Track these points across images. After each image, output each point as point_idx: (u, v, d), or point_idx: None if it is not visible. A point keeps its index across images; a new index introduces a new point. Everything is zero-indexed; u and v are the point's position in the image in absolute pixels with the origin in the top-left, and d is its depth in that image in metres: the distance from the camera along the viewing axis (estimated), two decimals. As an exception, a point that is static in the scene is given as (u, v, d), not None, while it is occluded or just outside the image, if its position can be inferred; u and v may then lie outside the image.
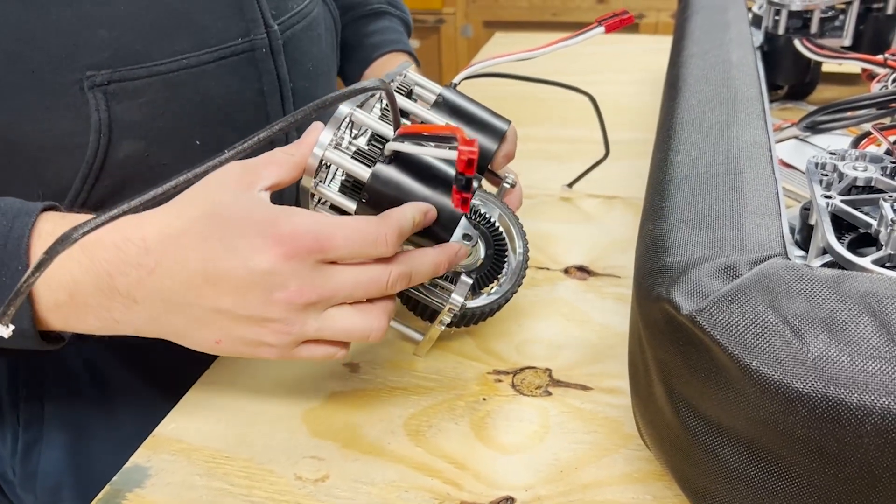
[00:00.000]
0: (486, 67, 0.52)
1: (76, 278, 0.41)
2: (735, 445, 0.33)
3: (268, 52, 0.60)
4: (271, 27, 0.60)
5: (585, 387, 0.51)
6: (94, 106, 0.52)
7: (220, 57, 0.57)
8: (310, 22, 0.67)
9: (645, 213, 0.44)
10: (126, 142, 0.54)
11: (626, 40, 1.24)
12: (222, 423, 0.50)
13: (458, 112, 0.52)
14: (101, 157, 0.53)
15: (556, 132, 0.91)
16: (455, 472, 0.45)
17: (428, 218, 0.44)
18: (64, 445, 0.62)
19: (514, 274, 0.54)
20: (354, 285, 0.42)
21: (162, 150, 0.56)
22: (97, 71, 0.51)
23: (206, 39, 0.56)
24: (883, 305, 0.30)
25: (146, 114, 0.54)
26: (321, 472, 0.45)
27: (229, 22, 0.57)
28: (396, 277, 0.43)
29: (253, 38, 0.58)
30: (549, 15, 2.47)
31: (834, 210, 0.39)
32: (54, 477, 0.62)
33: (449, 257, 0.45)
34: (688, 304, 0.33)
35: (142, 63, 0.53)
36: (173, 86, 0.55)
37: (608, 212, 0.73)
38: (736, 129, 0.48)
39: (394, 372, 0.53)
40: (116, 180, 0.55)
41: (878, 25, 0.78)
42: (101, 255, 0.41)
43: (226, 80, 0.58)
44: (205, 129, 0.57)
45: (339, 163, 0.44)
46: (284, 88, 0.62)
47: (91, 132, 0.52)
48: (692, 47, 0.66)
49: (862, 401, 0.28)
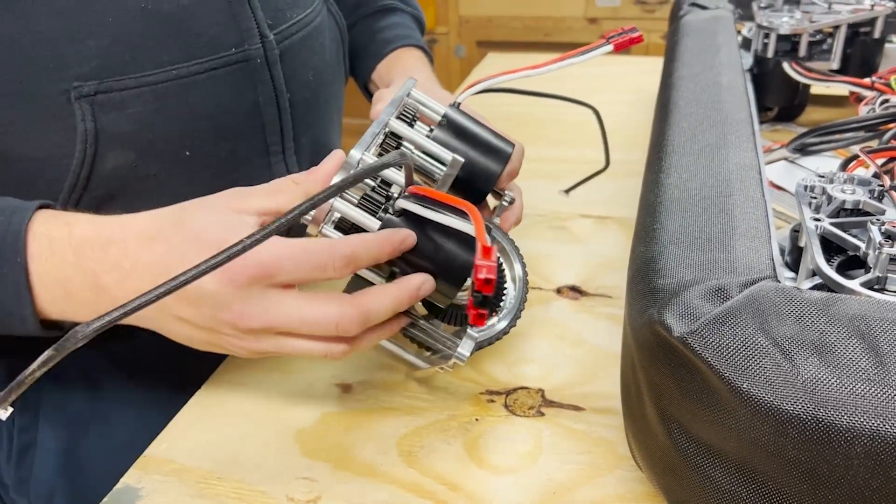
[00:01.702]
0: (490, 84, 0.51)
1: (68, 276, 0.43)
2: (726, 467, 0.33)
3: (263, 63, 0.59)
4: (267, 37, 0.58)
5: (578, 407, 0.51)
6: (80, 117, 0.51)
7: (211, 67, 0.55)
8: (311, 31, 0.65)
9: (636, 235, 0.44)
10: (113, 153, 0.53)
11: (618, 61, 1.26)
12: (214, 444, 0.49)
13: (462, 134, 0.51)
14: (88, 168, 0.53)
15: (550, 152, 0.91)
16: (448, 493, 0.45)
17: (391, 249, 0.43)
18: (58, 451, 0.62)
19: (515, 304, 0.53)
20: (300, 321, 0.41)
21: (151, 161, 0.55)
22: (84, 82, 0.51)
23: (197, 50, 0.55)
24: (872, 328, 0.30)
25: (134, 125, 0.53)
26: (313, 494, 0.45)
27: (222, 32, 0.56)
28: (349, 321, 0.41)
29: (247, 49, 0.57)
30: (541, 35, 2.49)
31: (823, 233, 0.40)
32: (48, 483, 0.62)
33: (410, 294, 0.43)
34: (679, 326, 0.33)
35: (130, 74, 0.52)
36: (162, 97, 0.54)
37: (600, 232, 0.73)
38: (726, 151, 0.48)
39: (386, 392, 0.53)
40: (105, 191, 0.55)
41: (865, 49, 0.79)
42: (89, 254, 0.43)
43: (217, 90, 0.56)
44: (195, 141, 0.57)
45: (347, 213, 0.44)
46: (281, 99, 0.61)
47: (77, 143, 0.52)
48: (683, 70, 0.66)
49: (851, 423, 0.28)
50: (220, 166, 0.58)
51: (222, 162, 0.59)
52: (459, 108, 0.53)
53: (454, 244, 0.44)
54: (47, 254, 0.44)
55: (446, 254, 0.44)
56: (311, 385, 0.54)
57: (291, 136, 0.62)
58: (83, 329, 0.32)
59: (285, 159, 0.63)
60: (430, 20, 2.57)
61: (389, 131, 0.47)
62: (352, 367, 0.56)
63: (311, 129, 0.66)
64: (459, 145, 0.51)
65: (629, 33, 0.48)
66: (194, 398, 0.54)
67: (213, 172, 0.58)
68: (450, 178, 0.49)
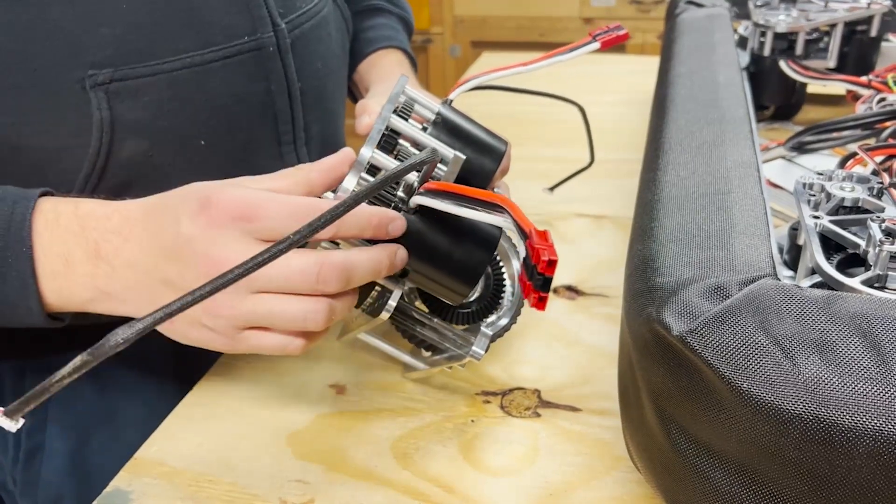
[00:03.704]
0: (481, 82, 0.51)
1: (70, 248, 0.43)
2: (726, 468, 0.32)
3: (275, 51, 0.59)
4: (279, 26, 0.59)
5: (575, 408, 0.51)
6: (95, 105, 0.51)
7: (225, 56, 0.56)
8: (319, 21, 0.66)
9: (634, 234, 0.44)
10: (129, 141, 0.54)
11: (613, 61, 1.25)
12: (205, 446, 0.49)
13: (456, 132, 0.51)
14: (104, 156, 0.53)
15: (540, 151, 0.91)
16: (443, 495, 0.44)
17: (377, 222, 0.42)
18: (66, 454, 0.61)
19: (515, 300, 0.52)
20: (278, 271, 0.40)
21: (166, 149, 0.55)
22: (99, 70, 0.51)
23: (211, 38, 0.55)
24: (873, 326, 0.30)
25: (149, 113, 0.54)
26: (307, 496, 0.45)
27: (235, 20, 0.56)
28: (329, 272, 0.40)
29: (260, 37, 0.58)
30: (536, 35, 2.49)
31: (822, 230, 0.39)
32: (55, 486, 0.61)
33: (388, 255, 0.42)
34: (678, 325, 0.33)
35: (145, 62, 0.52)
36: (177, 85, 0.54)
37: (597, 231, 0.73)
38: (724, 148, 0.48)
39: (381, 393, 0.53)
40: (120, 180, 0.54)
41: (862, 47, 0.78)
42: (91, 223, 0.43)
43: (231, 79, 0.57)
44: (209, 129, 0.57)
45: None
46: (293, 88, 0.61)
47: (93, 132, 0.52)
48: (679, 68, 0.66)
49: (853, 422, 0.28)
50: (233, 155, 0.59)
51: (236, 151, 0.59)
52: (452, 106, 0.52)
53: (472, 241, 0.44)
54: (53, 226, 0.44)
55: (464, 251, 0.44)
56: (305, 386, 0.54)
57: (302, 125, 0.63)
58: (124, 332, 0.30)
59: (296, 149, 0.63)
60: (424, 20, 2.57)
61: (389, 128, 0.46)
62: (346, 369, 0.55)
63: (320, 119, 0.67)
64: (454, 143, 0.51)
65: (615, 31, 0.48)
66: (186, 399, 0.53)
67: (227, 162, 0.59)
68: (452, 176, 0.49)
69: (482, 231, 0.45)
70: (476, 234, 0.44)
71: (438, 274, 0.45)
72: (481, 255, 0.44)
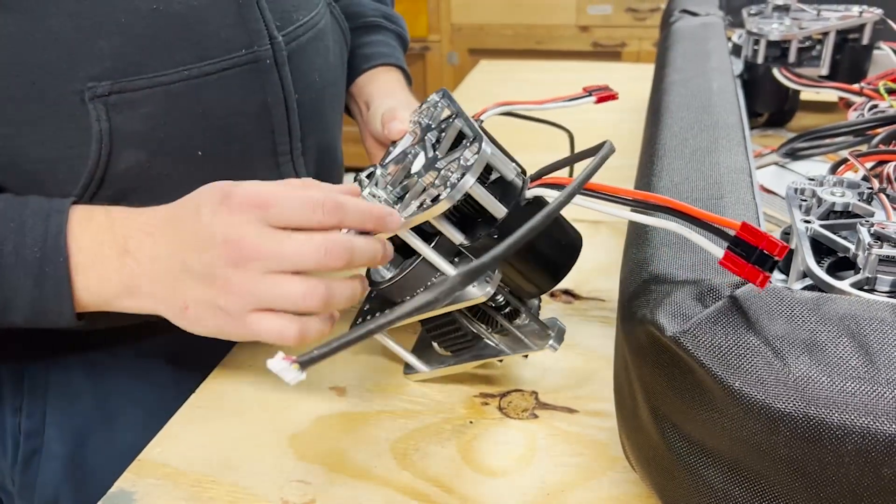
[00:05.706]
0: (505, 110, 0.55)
1: (101, 241, 0.47)
2: (719, 466, 0.33)
3: (272, 64, 0.59)
4: (276, 38, 0.59)
5: (571, 409, 0.51)
6: (94, 117, 0.52)
7: (222, 68, 0.56)
8: (316, 33, 0.66)
9: (629, 237, 0.45)
10: (127, 152, 0.54)
11: (609, 69, 1.26)
12: (208, 447, 0.49)
13: None
14: (103, 167, 0.53)
15: (543, 158, 0.91)
16: (442, 495, 0.45)
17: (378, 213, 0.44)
18: (64, 456, 0.62)
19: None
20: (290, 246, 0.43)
21: (164, 160, 0.56)
22: (98, 82, 0.51)
23: (208, 50, 0.55)
24: (861, 327, 0.30)
25: (147, 125, 0.54)
26: (307, 497, 0.45)
27: (232, 33, 0.57)
28: (335, 247, 0.43)
29: (257, 50, 0.58)
30: (533, 43, 2.50)
31: (813, 234, 0.40)
32: (53, 488, 0.61)
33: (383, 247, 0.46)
34: (672, 326, 0.33)
35: (142, 74, 0.53)
36: (174, 97, 0.55)
37: (593, 236, 0.73)
38: (717, 154, 0.49)
39: (380, 395, 0.53)
40: (117, 190, 0.55)
41: (854, 55, 0.79)
42: (123, 220, 0.48)
43: (228, 91, 0.57)
44: (207, 140, 0.57)
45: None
46: (289, 100, 0.62)
47: (92, 143, 0.53)
48: (674, 75, 0.67)
49: (842, 421, 0.28)
50: (230, 167, 0.59)
51: (233, 162, 0.60)
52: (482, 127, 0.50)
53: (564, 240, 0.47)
54: (86, 224, 0.48)
55: (563, 247, 0.47)
56: (306, 389, 0.54)
57: (299, 136, 0.64)
58: None
59: (293, 160, 0.64)
60: (422, 28, 2.58)
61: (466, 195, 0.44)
62: (346, 371, 0.56)
63: (316, 131, 0.67)
64: None
65: (607, 90, 0.54)
66: (188, 402, 0.54)
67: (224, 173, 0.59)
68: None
69: (570, 231, 0.49)
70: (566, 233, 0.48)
71: (530, 267, 0.48)
72: (570, 253, 0.48)
